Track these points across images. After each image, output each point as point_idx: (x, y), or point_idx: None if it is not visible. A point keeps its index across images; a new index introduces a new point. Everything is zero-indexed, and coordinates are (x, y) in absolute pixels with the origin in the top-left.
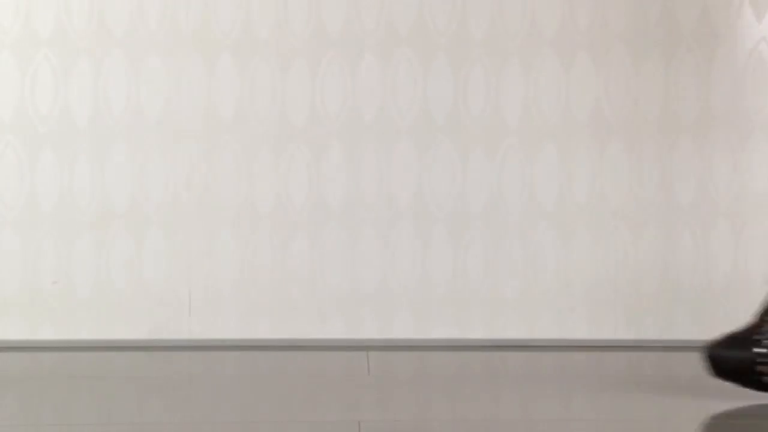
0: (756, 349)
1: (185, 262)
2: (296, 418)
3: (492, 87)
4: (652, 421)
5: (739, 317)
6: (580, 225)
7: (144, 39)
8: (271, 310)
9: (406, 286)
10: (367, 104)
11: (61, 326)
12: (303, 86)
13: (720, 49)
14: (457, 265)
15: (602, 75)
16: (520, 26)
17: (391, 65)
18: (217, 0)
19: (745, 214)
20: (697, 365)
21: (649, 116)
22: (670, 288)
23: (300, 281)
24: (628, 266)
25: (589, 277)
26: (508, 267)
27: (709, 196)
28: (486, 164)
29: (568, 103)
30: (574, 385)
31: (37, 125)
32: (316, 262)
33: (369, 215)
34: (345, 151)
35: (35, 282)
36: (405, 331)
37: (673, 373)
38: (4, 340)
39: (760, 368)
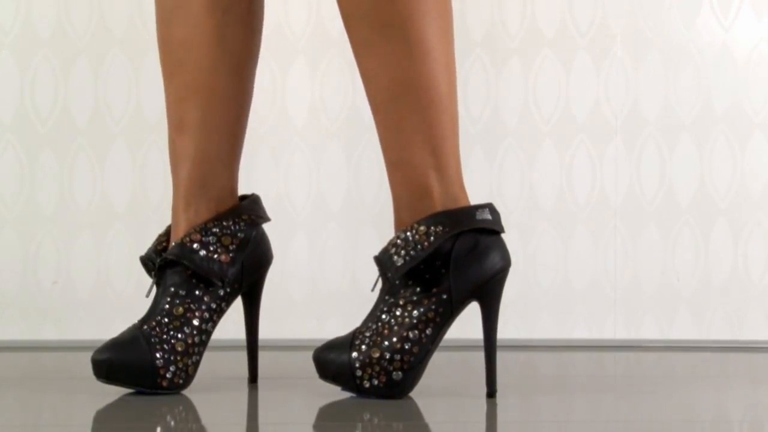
0: (354, 354)
1: None
2: (296, 419)
3: (492, 87)
4: (652, 422)
5: (739, 317)
6: (580, 225)
7: (144, 39)
8: (271, 310)
9: None
10: (366, 104)
11: (61, 326)
12: (303, 86)
13: (720, 49)
14: None
15: (602, 75)
16: (519, 26)
17: None
18: None
19: (745, 214)
20: (697, 365)
21: (649, 116)
22: (670, 288)
23: (300, 281)
24: (628, 266)
25: (589, 276)
26: None
27: (709, 196)
28: (486, 164)
29: (568, 103)
30: (574, 385)
31: (37, 125)
32: (316, 262)
33: (369, 215)
34: (345, 151)
35: (35, 282)
36: None
37: (673, 373)
38: (4, 340)
39: (358, 373)
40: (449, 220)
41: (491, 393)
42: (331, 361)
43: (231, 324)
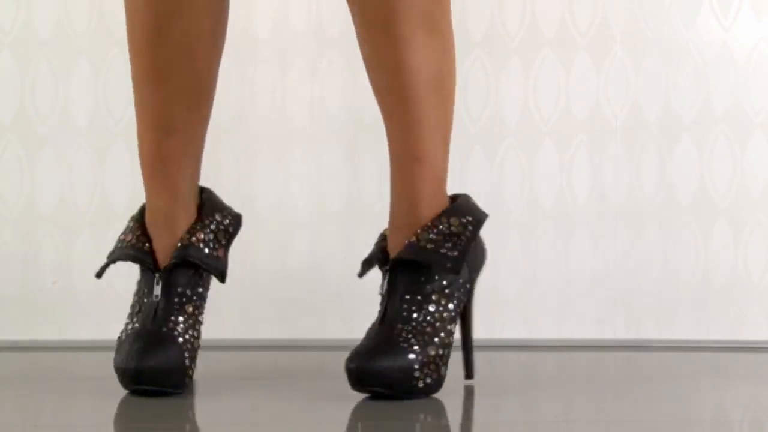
0: (411, 356)
1: None
2: (296, 419)
3: (492, 87)
4: (652, 422)
5: (739, 317)
6: (580, 225)
7: None
8: (271, 310)
9: None
10: (367, 104)
11: (61, 326)
12: (303, 86)
13: (720, 49)
14: None
15: (602, 75)
16: (519, 26)
17: None
18: None
19: (745, 214)
20: (697, 365)
21: (649, 116)
22: (670, 288)
23: (300, 281)
24: (628, 266)
25: (589, 277)
26: (508, 267)
27: (709, 196)
28: (486, 164)
29: (568, 103)
30: (574, 385)
31: (37, 125)
32: (316, 262)
33: (369, 215)
34: (345, 151)
35: (35, 282)
36: None
37: (673, 373)
38: (4, 340)
39: (417, 374)
40: (470, 212)
41: (469, 375)
42: (387, 368)
43: (230, 324)
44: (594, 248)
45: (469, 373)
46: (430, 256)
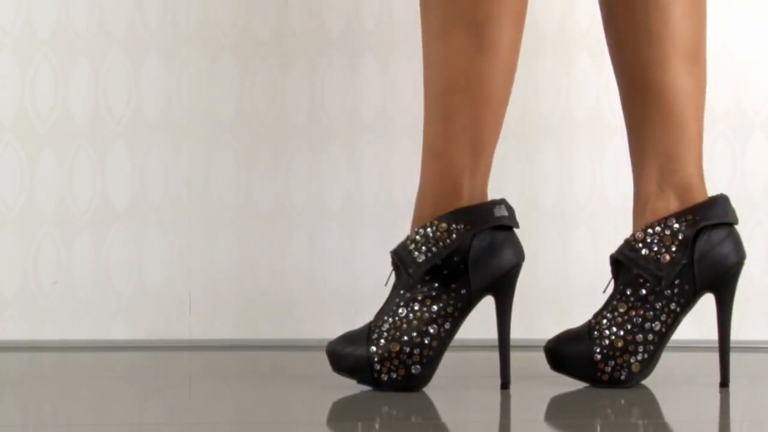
0: (372, 348)
1: (185, 262)
2: (297, 419)
3: None
4: (652, 422)
5: (739, 317)
6: (580, 225)
7: (144, 39)
8: (271, 310)
9: None
10: (367, 104)
11: (61, 326)
12: (303, 86)
13: (720, 49)
14: None
15: (602, 75)
16: None
17: (391, 65)
18: (217, 0)
19: (745, 214)
20: (697, 365)
21: None
22: None
23: (300, 281)
24: None
25: (589, 277)
26: None
27: None
28: None
29: (568, 103)
30: (574, 385)
31: (37, 125)
32: (316, 262)
33: (369, 215)
34: (345, 151)
35: (35, 282)
36: None
37: (673, 372)
38: (4, 340)
39: (377, 366)
40: (470, 218)
41: (505, 384)
42: (348, 354)
43: (231, 324)
44: (594, 248)
45: (502, 380)
46: (403, 257)
